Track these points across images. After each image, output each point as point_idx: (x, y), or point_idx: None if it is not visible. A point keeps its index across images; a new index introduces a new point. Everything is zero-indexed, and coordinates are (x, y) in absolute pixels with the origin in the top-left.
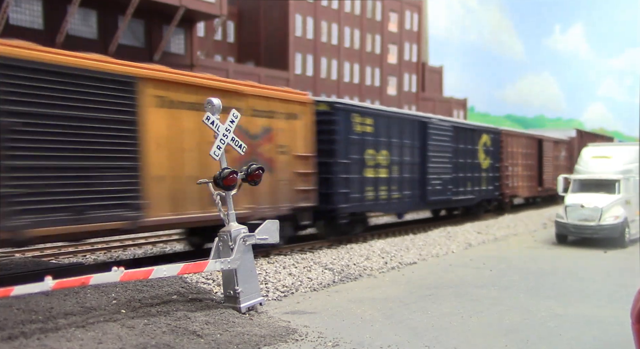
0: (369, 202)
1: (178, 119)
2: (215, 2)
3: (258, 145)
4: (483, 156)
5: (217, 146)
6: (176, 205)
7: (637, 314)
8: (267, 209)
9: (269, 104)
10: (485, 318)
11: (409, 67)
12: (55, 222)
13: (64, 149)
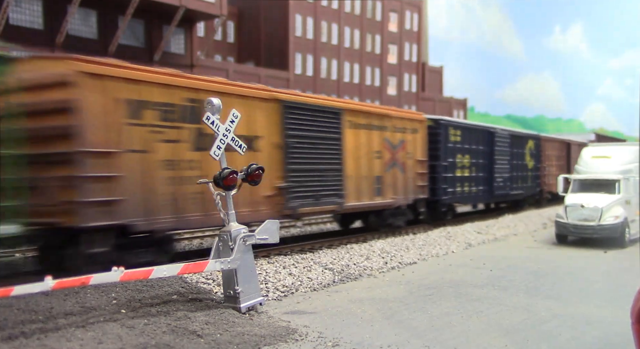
0: (458, 195)
1: (357, 135)
2: (215, 2)
3: (397, 152)
4: (529, 158)
5: (217, 146)
6: (357, 195)
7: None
8: (401, 199)
9: (403, 123)
10: (485, 318)
11: (409, 67)
12: (307, 205)
13: (311, 158)
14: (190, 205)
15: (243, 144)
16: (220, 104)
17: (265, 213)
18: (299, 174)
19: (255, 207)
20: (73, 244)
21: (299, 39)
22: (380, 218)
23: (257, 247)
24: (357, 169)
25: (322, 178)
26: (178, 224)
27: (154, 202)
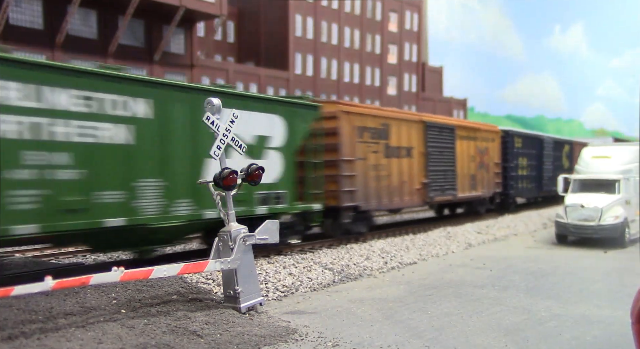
0: (519, 190)
1: (462, 145)
2: (215, 2)
3: (483, 156)
4: (565, 159)
5: (217, 146)
6: (463, 189)
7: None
8: (486, 192)
9: (486, 134)
10: (485, 318)
11: (409, 67)
12: (438, 195)
13: (440, 162)
14: (384, 194)
15: (243, 144)
16: (220, 104)
17: (416, 200)
18: (434, 173)
19: (411, 196)
20: (333, 217)
21: (299, 39)
22: (470, 206)
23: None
24: (462, 169)
25: (446, 176)
26: (378, 206)
27: (367, 192)
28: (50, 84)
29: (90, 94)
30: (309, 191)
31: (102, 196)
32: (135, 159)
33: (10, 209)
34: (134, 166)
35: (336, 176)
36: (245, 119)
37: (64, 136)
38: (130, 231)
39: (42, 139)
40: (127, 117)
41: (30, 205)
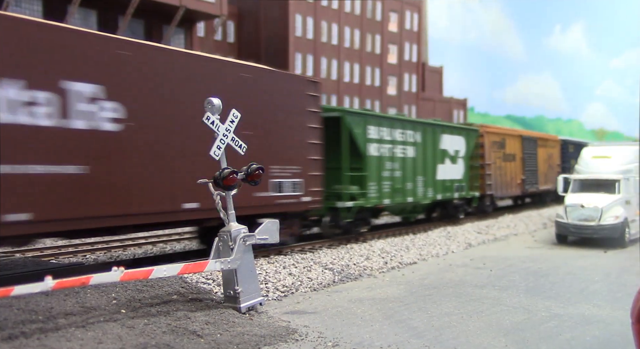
0: None
1: (540, 151)
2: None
3: (550, 159)
4: None
5: (217, 146)
6: (541, 184)
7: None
8: (551, 186)
9: (552, 142)
10: (485, 318)
11: (409, 67)
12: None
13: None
14: (503, 186)
15: (243, 144)
16: (220, 104)
17: (518, 191)
18: (527, 172)
19: (516, 188)
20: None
21: (299, 39)
22: (541, 197)
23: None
24: (540, 169)
25: (532, 174)
26: (500, 195)
27: (496, 185)
28: (393, 128)
29: (404, 131)
30: (472, 184)
31: (406, 186)
32: (417, 165)
33: (383, 191)
34: (416, 169)
35: (483, 174)
36: (450, 140)
37: (397, 154)
38: (414, 205)
39: (391, 155)
40: (414, 142)
41: (387, 189)
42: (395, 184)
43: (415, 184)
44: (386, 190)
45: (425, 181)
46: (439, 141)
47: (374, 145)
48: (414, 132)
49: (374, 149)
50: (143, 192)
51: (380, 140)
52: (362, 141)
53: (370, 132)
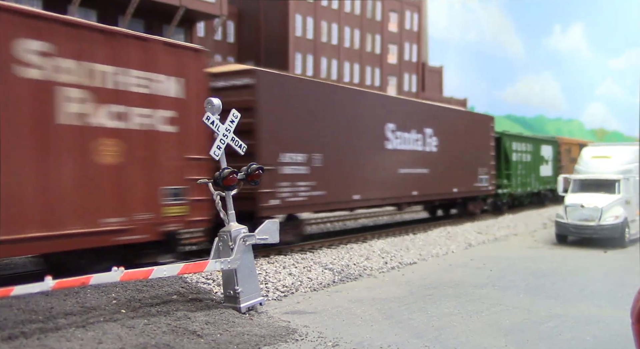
0: None
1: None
2: (215, 2)
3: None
4: None
5: (217, 146)
6: None
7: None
8: None
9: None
10: (485, 318)
11: (409, 67)
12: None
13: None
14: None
15: (243, 144)
16: (220, 104)
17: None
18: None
19: (543, 184)
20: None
21: (299, 39)
22: None
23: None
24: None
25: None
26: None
27: None
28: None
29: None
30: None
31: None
32: (530, 166)
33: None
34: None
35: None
36: (545, 149)
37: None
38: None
39: (521, 160)
40: (530, 151)
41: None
42: (523, 179)
43: (530, 179)
44: (519, 183)
45: (535, 177)
46: (540, 149)
47: (514, 154)
48: (529, 144)
49: (515, 156)
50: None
51: (517, 150)
52: (510, 151)
53: (513, 146)
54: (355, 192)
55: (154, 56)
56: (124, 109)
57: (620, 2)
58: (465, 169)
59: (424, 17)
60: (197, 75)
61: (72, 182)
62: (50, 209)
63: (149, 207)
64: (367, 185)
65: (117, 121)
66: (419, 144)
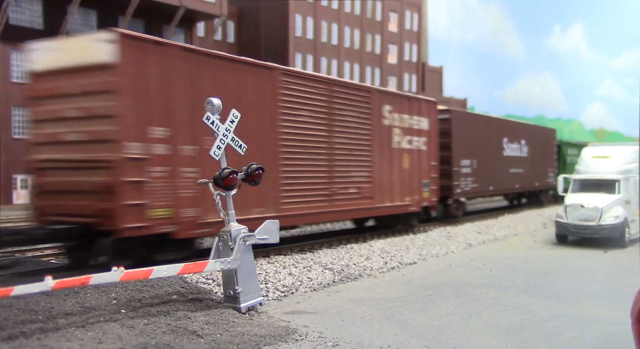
0: None
1: None
2: (215, 2)
3: None
4: None
5: (217, 146)
6: None
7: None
8: None
9: None
10: (485, 318)
11: (409, 67)
12: None
13: None
14: None
15: (243, 144)
16: (220, 104)
17: None
18: None
19: None
20: None
21: (299, 39)
22: None
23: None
24: None
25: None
26: None
27: None
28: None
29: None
30: None
31: None
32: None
33: None
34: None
35: None
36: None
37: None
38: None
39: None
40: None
41: None
42: None
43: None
44: None
45: None
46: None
47: (569, 157)
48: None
49: (569, 159)
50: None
51: (570, 155)
52: (566, 155)
53: (568, 151)
54: (490, 185)
55: (418, 108)
56: (410, 138)
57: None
58: (541, 168)
59: (424, 17)
60: (434, 115)
61: (396, 177)
62: (390, 191)
63: (418, 192)
64: (496, 180)
65: (409, 145)
66: (519, 151)
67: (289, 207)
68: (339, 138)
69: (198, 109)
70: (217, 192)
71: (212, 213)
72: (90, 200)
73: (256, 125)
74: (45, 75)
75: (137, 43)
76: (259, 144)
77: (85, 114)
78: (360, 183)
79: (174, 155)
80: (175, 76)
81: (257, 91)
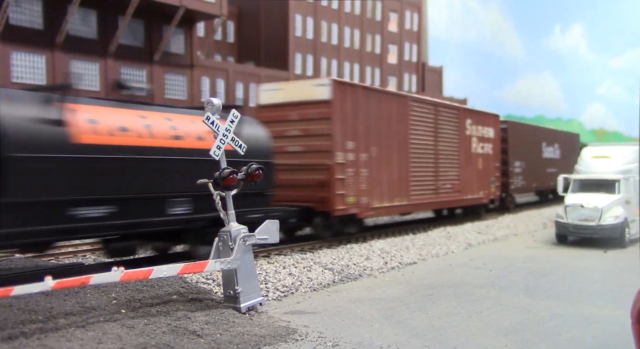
0: None
1: None
2: (215, 2)
3: None
4: None
5: (217, 146)
6: None
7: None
8: None
9: None
10: (485, 318)
11: (409, 67)
12: None
13: None
14: None
15: (243, 144)
16: (220, 103)
17: None
18: None
19: None
20: None
21: (299, 39)
22: None
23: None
24: None
25: None
26: None
27: None
28: None
29: None
30: None
31: None
32: None
33: None
34: None
35: None
36: None
37: None
38: None
39: None
40: None
41: None
42: None
43: None
44: None
45: None
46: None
47: None
48: None
49: None
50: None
51: None
52: None
53: None
54: (534, 182)
55: (487, 120)
56: (482, 144)
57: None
58: (568, 168)
59: (424, 17)
60: (497, 126)
61: (474, 176)
62: (470, 186)
63: (487, 187)
64: (538, 178)
65: (481, 150)
66: (553, 153)
67: (414, 198)
68: (441, 145)
69: (369, 127)
70: (217, 193)
71: (376, 201)
72: (312, 191)
73: (398, 136)
74: (271, 107)
75: (340, 86)
76: (399, 151)
77: (304, 133)
78: (452, 180)
79: (357, 160)
80: (358, 106)
81: (397, 112)
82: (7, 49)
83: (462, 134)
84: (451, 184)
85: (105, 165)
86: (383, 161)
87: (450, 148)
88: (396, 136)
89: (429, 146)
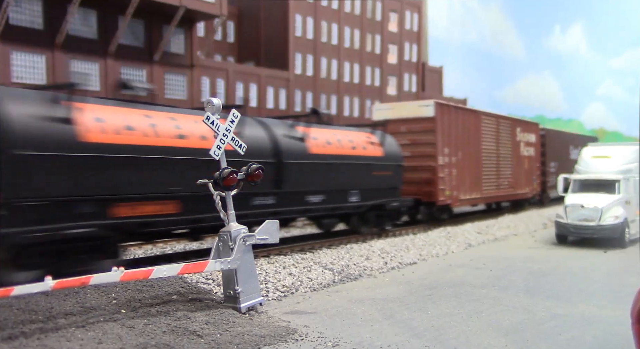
0: None
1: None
2: (215, 2)
3: None
4: None
5: (217, 146)
6: None
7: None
8: None
9: None
10: (485, 318)
11: (409, 67)
12: None
13: None
14: None
15: (243, 144)
16: (219, 103)
17: None
18: None
19: None
20: None
21: (299, 39)
22: None
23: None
24: None
25: None
26: None
27: None
28: None
29: None
30: None
31: None
32: None
33: None
34: None
35: None
36: None
37: None
38: None
39: None
40: None
41: None
42: None
43: None
44: None
45: None
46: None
47: None
48: None
49: None
50: None
51: None
52: None
53: None
54: None
55: (530, 128)
56: (528, 148)
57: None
58: None
59: (424, 17)
60: (537, 132)
61: (522, 174)
62: (519, 183)
63: (531, 184)
64: None
65: (526, 153)
66: (574, 154)
67: (484, 192)
68: (501, 150)
69: (457, 137)
70: (217, 192)
71: (462, 194)
72: (419, 186)
73: (474, 143)
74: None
75: (441, 106)
76: (475, 155)
77: (411, 143)
78: (508, 178)
79: (450, 163)
80: (451, 121)
81: (474, 125)
82: (7, 49)
83: (514, 140)
84: (507, 181)
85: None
86: (465, 163)
87: (506, 152)
88: (473, 143)
89: (493, 151)
